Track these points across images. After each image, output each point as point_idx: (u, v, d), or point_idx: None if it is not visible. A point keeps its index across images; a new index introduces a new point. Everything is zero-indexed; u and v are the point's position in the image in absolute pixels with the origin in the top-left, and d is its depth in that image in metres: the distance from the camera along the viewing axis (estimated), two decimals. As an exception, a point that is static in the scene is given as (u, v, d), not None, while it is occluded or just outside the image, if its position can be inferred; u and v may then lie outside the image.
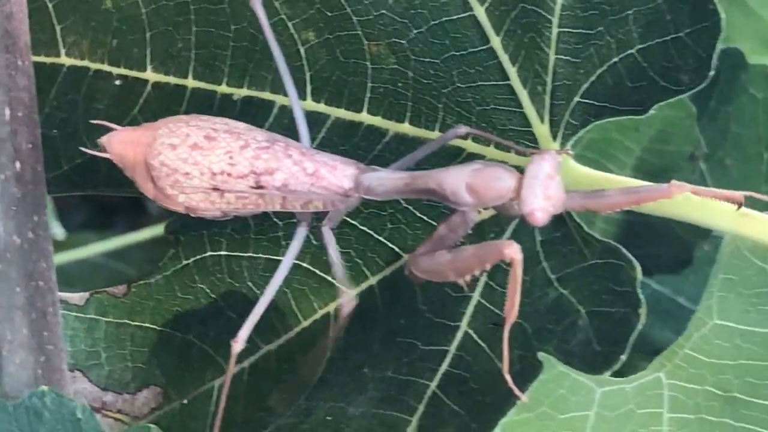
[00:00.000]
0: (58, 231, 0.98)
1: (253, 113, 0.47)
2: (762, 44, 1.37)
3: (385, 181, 0.42)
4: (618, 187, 0.41)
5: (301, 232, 0.43)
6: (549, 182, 0.39)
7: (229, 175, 0.42)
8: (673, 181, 0.40)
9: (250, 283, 0.46)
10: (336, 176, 0.42)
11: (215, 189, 0.42)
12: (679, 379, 0.46)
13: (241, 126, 0.43)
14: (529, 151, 0.45)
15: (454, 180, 0.40)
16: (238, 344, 0.41)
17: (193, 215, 0.43)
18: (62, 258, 0.85)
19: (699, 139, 0.63)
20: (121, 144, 0.43)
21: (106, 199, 1.08)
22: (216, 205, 0.42)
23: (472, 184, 0.40)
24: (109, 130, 0.43)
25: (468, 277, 0.39)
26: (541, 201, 0.38)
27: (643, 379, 0.46)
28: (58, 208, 0.99)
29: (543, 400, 0.45)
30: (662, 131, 0.64)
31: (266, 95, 0.47)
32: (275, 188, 0.42)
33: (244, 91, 0.48)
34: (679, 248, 0.67)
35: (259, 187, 0.42)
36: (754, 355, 0.45)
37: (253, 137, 0.42)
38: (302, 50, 0.47)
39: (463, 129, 0.44)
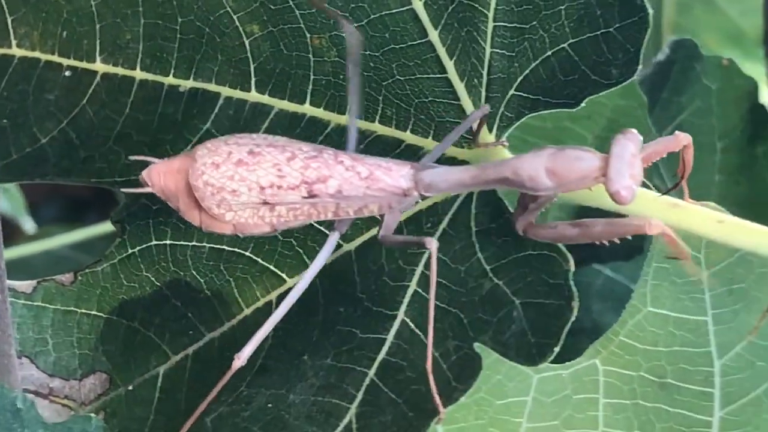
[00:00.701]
0: (28, 224, 0.98)
1: (199, 104, 0.48)
2: (727, 39, 1.38)
3: (448, 176, 0.42)
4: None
5: (333, 239, 0.44)
6: (634, 161, 0.39)
7: (279, 187, 0.41)
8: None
9: (194, 272, 0.46)
10: (392, 177, 0.42)
11: (265, 203, 0.42)
12: (615, 365, 0.47)
13: (282, 139, 0.43)
14: (476, 143, 0.46)
15: (531, 165, 0.40)
16: (239, 361, 0.41)
17: (241, 235, 0.43)
18: (29, 250, 0.86)
19: (650, 129, 0.64)
20: (161, 175, 0.42)
21: (77, 193, 1.08)
22: (266, 220, 0.42)
23: (553, 167, 0.40)
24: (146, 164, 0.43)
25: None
26: (628, 180, 0.39)
27: (579, 366, 0.47)
28: (30, 202, 1.00)
29: (480, 386, 0.46)
30: (614, 120, 0.65)
31: (212, 87, 0.48)
32: (329, 195, 0.42)
33: (191, 83, 0.48)
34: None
35: (312, 196, 0.42)
36: (687, 342, 0.46)
37: (298, 148, 0.42)
38: (247, 43, 0.47)
39: (486, 108, 0.45)
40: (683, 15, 1.44)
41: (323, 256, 0.43)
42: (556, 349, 0.41)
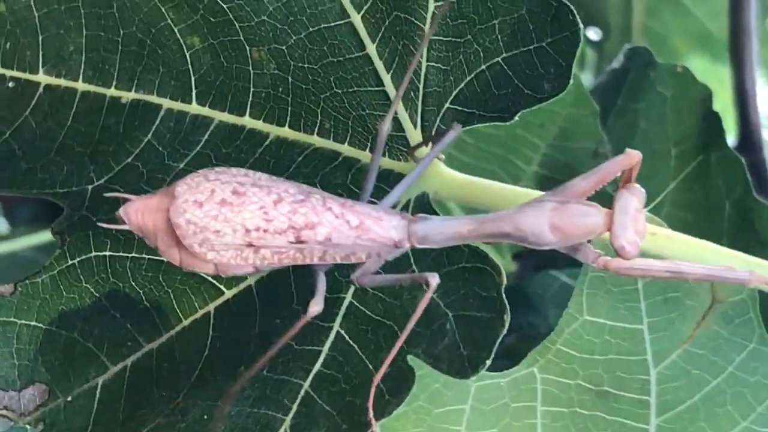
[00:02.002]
0: (2, 226, 0.98)
1: (140, 116, 0.48)
2: (696, 41, 1.39)
3: (444, 228, 0.42)
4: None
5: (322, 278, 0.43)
6: (638, 216, 0.40)
7: (265, 231, 0.40)
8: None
9: (133, 283, 0.47)
10: (383, 228, 0.42)
11: (250, 245, 0.41)
12: (552, 373, 0.47)
13: (264, 176, 0.42)
14: (412, 156, 0.46)
15: (534, 221, 0.40)
16: (317, 307, 0.41)
17: (224, 276, 0.42)
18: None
19: (602, 136, 0.65)
20: (139, 213, 0.41)
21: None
22: (249, 262, 0.41)
23: (557, 224, 0.40)
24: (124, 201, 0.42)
25: None
26: (633, 235, 0.39)
27: (517, 374, 0.47)
28: (5, 204, 0.99)
29: (419, 394, 0.46)
30: (565, 128, 0.65)
31: (153, 99, 0.48)
32: (317, 242, 0.41)
33: (132, 95, 0.48)
34: (587, 243, 0.68)
35: (300, 242, 0.41)
36: (623, 350, 0.47)
37: (284, 190, 0.41)
38: (188, 55, 0.48)
39: (459, 127, 0.44)
40: (652, 18, 1.44)
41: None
42: (488, 362, 0.42)
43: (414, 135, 0.46)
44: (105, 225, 0.44)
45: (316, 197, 0.41)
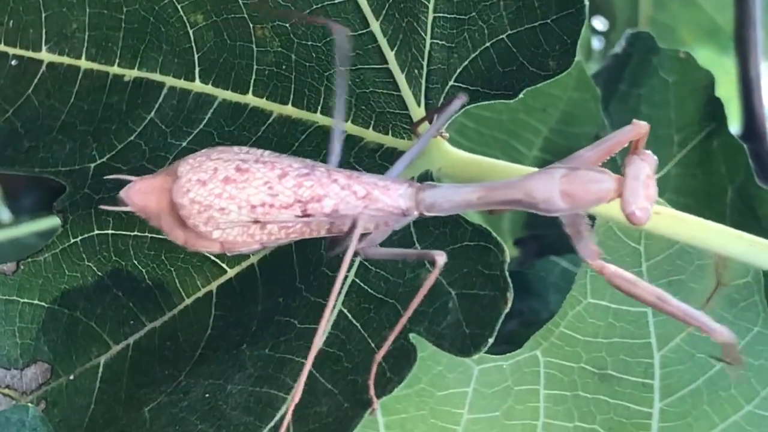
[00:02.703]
0: (4, 214, 0.98)
1: (143, 94, 0.48)
2: (702, 32, 1.38)
3: (453, 196, 0.41)
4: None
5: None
6: (649, 182, 0.39)
7: (271, 206, 0.40)
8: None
9: (135, 262, 0.46)
10: (391, 196, 0.41)
11: (256, 222, 0.40)
12: (555, 356, 0.47)
13: (267, 153, 0.42)
14: (415, 132, 0.46)
15: (545, 187, 0.40)
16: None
17: (229, 254, 0.41)
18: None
19: (603, 121, 0.64)
20: (141, 194, 0.41)
21: (54, 183, 1.08)
22: (256, 238, 0.41)
23: (568, 190, 0.40)
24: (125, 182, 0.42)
25: None
26: (644, 201, 0.39)
27: (520, 357, 0.47)
28: (8, 193, 0.99)
29: (421, 377, 0.46)
30: (567, 113, 0.65)
31: (156, 76, 0.48)
32: (324, 215, 0.41)
33: (135, 73, 0.48)
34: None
35: (307, 215, 0.41)
36: (626, 333, 0.47)
37: (288, 165, 0.41)
38: (191, 33, 0.47)
39: (464, 97, 0.44)
40: (659, 10, 1.44)
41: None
42: (491, 340, 0.41)
43: (417, 113, 0.46)
44: (107, 207, 0.44)
45: (320, 170, 0.41)
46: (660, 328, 0.47)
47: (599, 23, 1.38)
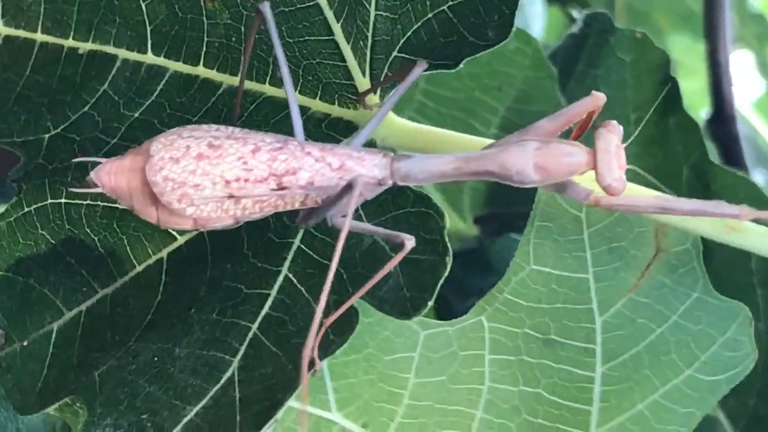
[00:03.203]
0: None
1: (97, 66, 0.49)
2: (678, 19, 1.39)
3: (428, 166, 0.42)
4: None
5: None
6: (619, 152, 0.41)
7: (246, 180, 0.41)
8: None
9: (88, 230, 0.47)
10: (366, 167, 0.42)
11: (230, 197, 0.41)
12: (500, 322, 0.48)
13: (237, 130, 0.42)
14: (364, 104, 0.47)
15: (519, 159, 0.41)
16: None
17: (203, 230, 0.42)
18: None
19: (559, 99, 0.65)
20: (111, 175, 0.41)
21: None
22: (230, 213, 0.42)
23: (541, 163, 0.41)
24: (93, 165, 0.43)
25: None
26: (618, 171, 0.41)
27: (465, 323, 0.48)
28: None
29: (369, 341, 0.47)
30: (523, 91, 0.66)
31: (110, 49, 0.49)
32: (299, 187, 0.41)
33: (89, 45, 0.49)
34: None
35: (282, 188, 0.41)
36: (569, 299, 0.48)
37: (260, 139, 0.42)
38: (143, 6, 0.48)
39: (425, 63, 0.45)
40: (635, -5, 1.45)
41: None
42: (430, 303, 0.42)
43: (363, 83, 0.47)
44: (77, 189, 0.44)
45: (293, 144, 0.42)
46: (601, 293, 0.48)
47: (575, 12, 1.39)
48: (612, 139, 0.41)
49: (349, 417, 0.47)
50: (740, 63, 1.52)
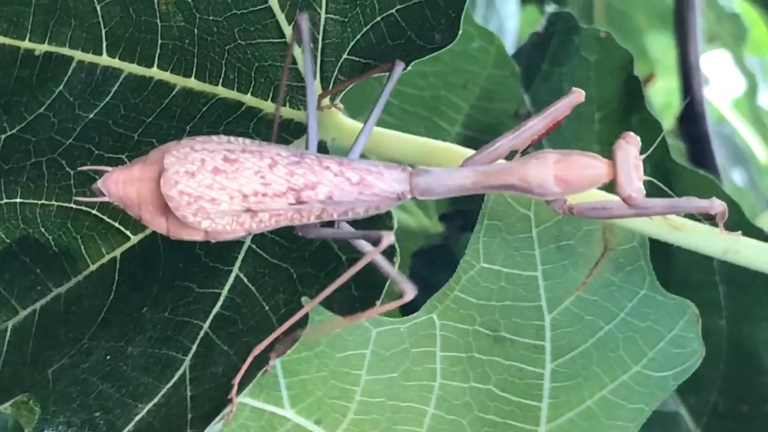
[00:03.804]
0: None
1: (53, 68, 0.49)
2: (657, 18, 1.40)
3: (447, 180, 0.43)
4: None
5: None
6: (638, 163, 0.41)
7: (264, 195, 0.41)
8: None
9: (42, 229, 0.48)
10: (386, 182, 0.42)
11: (248, 210, 0.41)
12: (451, 319, 0.49)
13: (248, 141, 0.42)
14: (318, 106, 0.48)
15: (540, 173, 0.41)
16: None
17: (213, 241, 0.42)
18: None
19: (522, 97, 0.66)
20: (120, 184, 0.41)
21: None
22: (245, 226, 0.42)
23: (563, 175, 0.42)
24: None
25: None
26: (637, 182, 0.41)
27: (416, 320, 0.49)
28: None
29: (320, 339, 0.48)
30: (487, 89, 0.66)
31: (65, 51, 0.49)
32: (318, 202, 0.42)
33: (45, 47, 0.49)
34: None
35: (300, 202, 0.41)
36: (518, 296, 0.48)
37: (276, 153, 0.42)
38: (98, 8, 0.49)
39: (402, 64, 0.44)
40: (615, -6, 1.46)
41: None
42: (378, 302, 0.43)
43: (314, 85, 0.47)
44: (83, 199, 0.45)
45: (311, 157, 0.42)
46: (550, 291, 0.48)
47: (551, 10, 1.40)
48: (631, 150, 0.42)
49: (302, 413, 0.48)
50: (718, 62, 1.53)
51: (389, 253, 0.44)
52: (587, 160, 0.42)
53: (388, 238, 0.42)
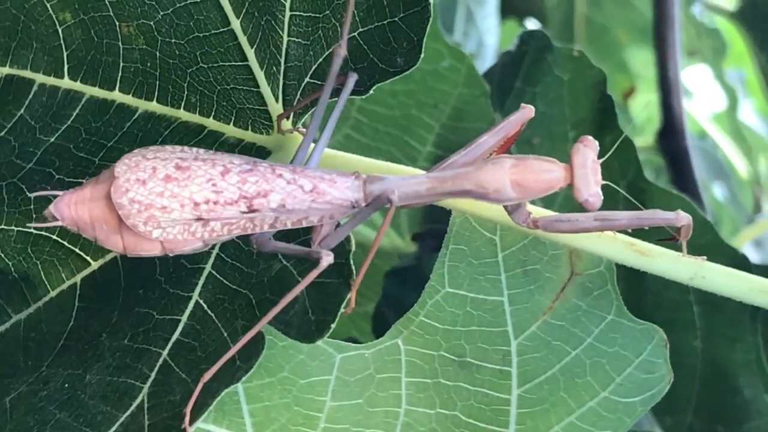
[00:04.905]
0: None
1: (14, 91, 0.49)
2: (637, 32, 1.40)
3: (401, 187, 0.42)
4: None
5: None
6: (595, 167, 0.41)
7: (215, 203, 0.40)
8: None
9: (1, 254, 0.47)
10: (339, 189, 0.42)
11: (199, 219, 0.41)
12: (416, 345, 0.48)
13: (202, 151, 0.42)
14: (279, 129, 0.47)
15: (496, 178, 0.41)
16: (329, 257, 0.41)
17: (171, 254, 0.42)
18: None
19: (492, 117, 0.66)
20: (71, 206, 0.40)
21: None
22: (197, 236, 0.41)
23: (519, 180, 0.41)
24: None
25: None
26: (595, 187, 0.41)
27: (381, 345, 0.48)
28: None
29: (284, 365, 0.47)
30: (458, 108, 0.66)
31: (27, 74, 0.49)
32: (271, 210, 0.41)
33: (6, 70, 0.49)
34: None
35: (252, 210, 0.41)
36: (484, 321, 0.48)
37: (229, 161, 0.41)
38: (60, 30, 0.48)
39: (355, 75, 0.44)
40: (594, 9, 1.46)
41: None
42: (333, 325, 0.43)
43: (276, 108, 0.47)
44: (37, 225, 0.44)
45: (263, 165, 0.42)
46: (516, 316, 0.48)
47: (531, 25, 1.40)
48: (588, 154, 0.41)
49: (265, 440, 0.47)
50: (698, 77, 1.53)
51: (346, 272, 0.43)
52: (544, 164, 0.41)
53: (327, 259, 0.41)
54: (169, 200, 0.40)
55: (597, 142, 0.43)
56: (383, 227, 0.41)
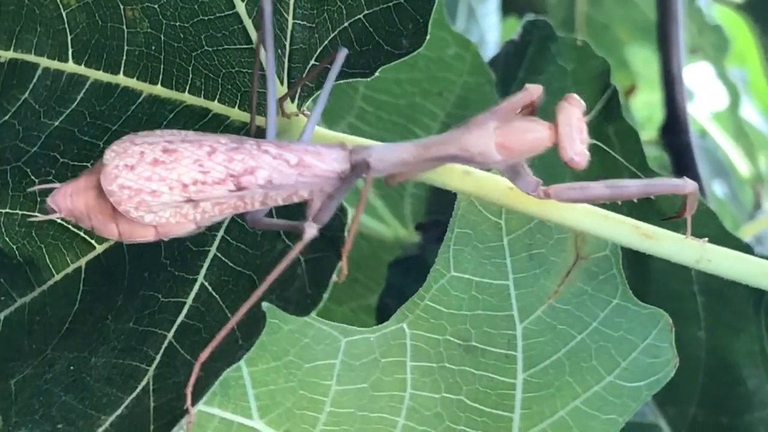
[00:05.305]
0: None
1: (18, 75, 0.49)
2: (638, 30, 1.40)
3: (387, 155, 0.42)
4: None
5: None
6: (581, 126, 0.40)
7: (203, 183, 0.40)
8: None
9: (6, 238, 0.47)
10: (325, 161, 0.42)
11: (189, 200, 0.41)
12: (421, 329, 0.48)
13: (191, 133, 0.42)
14: (283, 113, 0.47)
15: (480, 141, 0.40)
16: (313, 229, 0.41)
17: (165, 239, 0.42)
18: None
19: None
20: (68, 197, 0.41)
21: None
22: (189, 218, 0.41)
23: (503, 141, 0.40)
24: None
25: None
26: (580, 146, 0.40)
27: (386, 330, 0.48)
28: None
29: (289, 349, 0.47)
30: (463, 97, 0.66)
31: (31, 58, 0.49)
32: (259, 186, 0.41)
33: (11, 54, 0.49)
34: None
35: (241, 188, 0.41)
36: (489, 305, 0.48)
37: (216, 141, 0.41)
38: (64, 14, 0.48)
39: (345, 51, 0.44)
40: (595, 7, 1.46)
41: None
42: (325, 295, 0.42)
43: (281, 91, 0.47)
44: (38, 217, 0.44)
45: (250, 143, 0.42)
46: (521, 300, 0.48)
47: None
48: (574, 112, 0.41)
49: (271, 424, 0.47)
50: (700, 75, 1.53)
51: (338, 245, 0.43)
52: (528, 125, 0.41)
53: (311, 231, 0.41)
54: (158, 184, 0.40)
55: (582, 101, 0.42)
56: (364, 192, 0.41)
